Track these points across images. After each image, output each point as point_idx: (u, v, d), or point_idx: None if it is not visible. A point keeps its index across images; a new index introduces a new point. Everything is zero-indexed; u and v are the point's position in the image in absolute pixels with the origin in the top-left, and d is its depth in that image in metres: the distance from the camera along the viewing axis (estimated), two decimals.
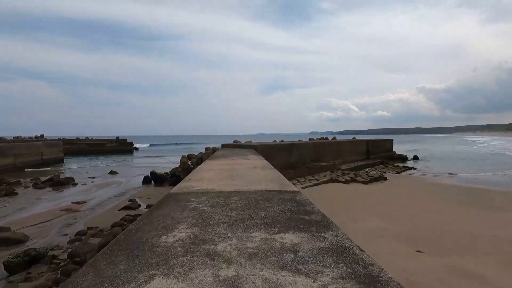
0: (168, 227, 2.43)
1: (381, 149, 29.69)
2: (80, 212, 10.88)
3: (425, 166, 25.21)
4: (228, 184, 4.44)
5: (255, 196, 3.60)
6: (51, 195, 14.39)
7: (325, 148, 20.80)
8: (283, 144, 16.82)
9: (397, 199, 10.80)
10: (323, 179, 15.01)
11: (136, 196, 13.48)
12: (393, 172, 21.84)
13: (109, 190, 15.59)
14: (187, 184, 4.51)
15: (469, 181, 16.20)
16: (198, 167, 6.50)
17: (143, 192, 14.53)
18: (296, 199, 3.47)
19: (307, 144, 18.87)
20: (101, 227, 8.67)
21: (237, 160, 8.33)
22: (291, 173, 14.81)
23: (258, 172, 5.78)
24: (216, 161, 8.27)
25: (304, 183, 14.18)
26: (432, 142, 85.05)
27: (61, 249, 7.02)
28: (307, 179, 15.16)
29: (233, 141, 19.61)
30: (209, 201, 3.38)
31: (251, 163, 7.69)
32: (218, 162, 7.77)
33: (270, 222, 2.57)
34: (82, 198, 13.35)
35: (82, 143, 48.10)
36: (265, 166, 6.83)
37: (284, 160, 16.55)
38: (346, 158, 23.31)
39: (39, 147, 28.71)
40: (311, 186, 13.62)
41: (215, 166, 6.94)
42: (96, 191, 15.40)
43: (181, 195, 3.68)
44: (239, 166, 6.91)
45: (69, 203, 12.36)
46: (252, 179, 4.90)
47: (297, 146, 17.78)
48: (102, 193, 14.58)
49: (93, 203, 12.29)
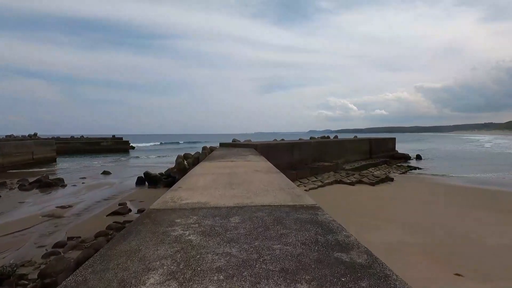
0: (130, 281, 1.51)
1: (384, 148, 28.89)
2: (63, 218, 9.92)
3: (429, 166, 24.40)
4: (226, 195, 3.52)
5: (263, 215, 2.68)
6: (36, 198, 13.41)
7: (327, 147, 19.92)
8: (284, 144, 15.92)
9: (410, 203, 9.93)
10: (328, 181, 14.13)
11: (128, 200, 12.53)
12: (398, 172, 21.02)
13: (99, 192, 14.62)
14: (174, 194, 3.59)
15: (482, 182, 15.35)
16: (190, 171, 5.58)
17: (136, 195, 13.58)
18: (319, 219, 2.56)
19: (309, 143, 17.98)
20: (83, 237, 7.72)
21: (237, 162, 7.42)
22: (293, 174, 13.91)
23: (261, 177, 4.86)
24: (213, 162, 7.35)
25: (308, 185, 13.29)
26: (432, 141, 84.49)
27: (33, 265, 6.08)
28: (310, 180, 14.27)
29: (232, 140, 18.69)
30: (200, 223, 2.46)
31: (252, 165, 6.78)
32: (215, 164, 6.85)
33: (292, 268, 1.66)
34: (68, 202, 12.38)
35: (76, 142, 46.98)
36: (269, 170, 5.92)
37: (286, 160, 15.65)
38: (348, 158, 22.46)
39: (29, 146, 27.63)
40: (315, 188, 12.72)
41: (211, 169, 6.02)
42: (86, 193, 14.42)
43: (163, 214, 2.76)
44: (239, 169, 6.00)
45: (53, 207, 11.40)
46: (256, 187, 3.98)
47: (298, 145, 16.88)
48: (91, 196, 13.61)
49: (80, 208, 11.33)
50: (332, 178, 14.95)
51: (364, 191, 12.56)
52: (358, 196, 11.37)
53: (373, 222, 7.06)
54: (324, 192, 12.21)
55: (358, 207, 9.33)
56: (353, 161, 22.76)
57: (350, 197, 11.18)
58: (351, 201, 10.34)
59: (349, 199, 10.80)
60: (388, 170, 21.71)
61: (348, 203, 10.09)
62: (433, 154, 36.40)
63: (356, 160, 23.34)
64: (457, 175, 18.37)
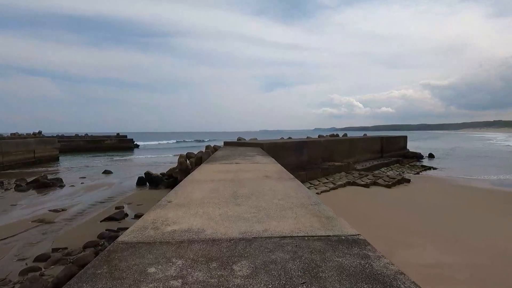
0: None
1: (395, 146, 27.73)
2: (54, 223, 9.11)
3: (445, 166, 23.17)
4: (229, 217, 2.58)
5: (284, 258, 1.74)
6: (30, 200, 12.66)
7: (337, 146, 18.90)
8: (293, 142, 14.95)
9: (435, 210, 8.90)
10: (340, 182, 13.12)
11: (125, 202, 11.70)
12: (412, 172, 19.92)
13: (97, 193, 13.84)
14: (160, 214, 2.66)
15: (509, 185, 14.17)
16: (188, 177, 4.66)
17: (134, 197, 12.74)
18: (374, 268, 1.61)
19: (318, 142, 16.98)
20: (71, 248, 6.88)
21: (242, 164, 6.48)
22: (303, 175, 12.94)
23: (274, 186, 3.93)
24: (215, 165, 6.42)
25: (319, 187, 12.31)
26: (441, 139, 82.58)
27: (7, 284, 5.24)
28: (321, 182, 13.29)
29: (237, 138, 17.78)
30: (185, 278, 1.53)
31: (261, 168, 5.84)
32: (218, 167, 5.92)
33: None
34: (63, 204, 11.60)
35: (80, 140, 46.55)
36: (281, 175, 4.97)
37: (294, 160, 14.69)
38: (359, 157, 21.41)
39: (30, 144, 27.06)
40: (327, 190, 11.74)
41: (212, 173, 5.09)
42: (83, 194, 13.65)
43: (134, 254, 1.82)
44: (245, 174, 5.06)
45: (46, 210, 10.62)
46: (269, 203, 3.05)
47: (308, 144, 15.90)
48: (88, 198, 12.82)
49: (74, 211, 10.53)
50: (345, 179, 13.94)
51: (380, 194, 11.54)
52: (375, 200, 10.36)
53: (402, 236, 6.08)
54: (337, 195, 11.22)
55: (377, 214, 8.33)
56: (364, 160, 21.71)
57: (367, 201, 10.17)
58: (369, 206, 9.35)
59: (366, 204, 9.80)
60: (401, 170, 20.63)
61: (365, 208, 9.09)
62: (445, 153, 35.05)
63: (367, 159, 22.27)
64: (480, 177, 17.18)
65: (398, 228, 6.57)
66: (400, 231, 6.31)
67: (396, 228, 6.63)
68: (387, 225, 6.92)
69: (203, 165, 6.44)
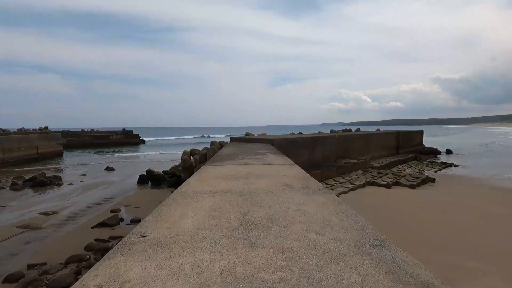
0: None
1: (412, 142, 26.22)
2: (41, 229, 8.14)
3: (466, 163, 21.62)
4: (238, 278, 1.42)
5: None
6: (22, 201, 11.78)
7: (352, 142, 17.59)
8: (305, 138, 13.71)
9: (476, 217, 7.62)
10: (358, 182, 11.87)
11: (123, 204, 10.70)
12: (433, 170, 18.52)
13: (95, 193, 12.89)
14: (118, 267, 1.52)
15: None
16: (180, 188, 3.50)
17: (134, 198, 11.73)
18: None
19: (332, 137, 15.69)
20: (50, 264, 5.85)
21: (252, 166, 5.32)
22: (317, 174, 11.74)
23: (302, 204, 2.75)
24: (219, 167, 5.27)
25: (336, 187, 11.08)
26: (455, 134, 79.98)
27: None
28: (337, 181, 12.06)
29: (244, 133, 16.62)
30: None
31: (276, 172, 4.67)
32: (222, 171, 4.77)
33: None
34: (56, 206, 10.67)
35: (86, 136, 46.05)
36: (307, 183, 3.78)
37: (307, 157, 13.49)
38: (374, 154, 20.06)
39: (33, 140, 26.41)
40: (346, 192, 10.51)
41: (214, 181, 3.93)
42: (80, 194, 12.71)
43: None
44: (258, 181, 3.90)
45: (36, 213, 9.68)
46: (302, 241, 1.88)
47: (321, 140, 14.65)
48: (84, 198, 11.87)
49: (65, 214, 9.55)
50: (363, 178, 12.67)
51: (405, 197, 10.27)
52: (402, 205, 9.10)
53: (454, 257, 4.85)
54: (357, 197, 9.99)
55: (410, 223, 7.10)
56: (379, 157, 20.35)
57: (392, 206, 8.93)
58: (397, 213, 8.11)
59: (392, 209, 8.56)
60: (420, 167, 19.22)
61: (393, 215, 7.86)
62: (463, 149, 33.27)
63: (382, 156, 20.90)
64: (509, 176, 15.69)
65: (443, 246, 5.35)
66: (449, 250, 5.10)
67: (440, 245, 5.40)
68: (428, 241, 5.69)
69: (205, 166, 5.29)
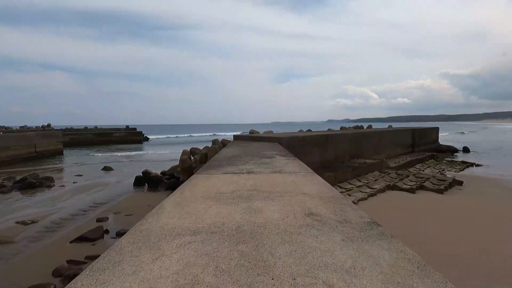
0: None
1: (427, 140, 24.68)
2: (12, 244, 7.02)
3: (488, 162, 20.02)
4: None
5: None
6: (5, 205, 10.69)
7: (366, 140, 16.21)
8: (315, 136, 12.38)
9: None
10: (377, 186, 10.54)
11: (113, 211, 9.53)
12: (454, 170, 17.05)
13: (86, 197, 11.78)
14: None
15: None
16: (143, 222, 2.26)
17: (126, 203, 10.58)
18: None
19: (344, 135, 14.33)
20: None
21: (258, 176, 4.06)
22: (331, 177, 10.43)
23: (345, 269, 1.47)
24: (214, 178, 4.01)
25: (353, 192, 9.75)
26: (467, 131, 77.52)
27: None
28: (353, 185, 10.72)
29: (249, 131, 15.37)
30: None
31: (291, 185, 3.40)
32: (215, 187, 3.50)
33: None
34: (39, 213, 9.57)
35: (88, 133, 45.28)
36: (341, 210, 2.49)
37: (318, 158, 12.19)
38: (389, 152, 18.63)
39: (31, 138, 25.52)
40: (365, 198, 9.18)
41: (200, 207, 2.66)
42: (69, 198, 11.61)
43: None
44: (265, 205, 2.63)
45: (13, 222, 8.58)
46: None
47: (332, 138, 13.31)
48: (72, 203, 10.76)
49: (45, 224, 8.43)
50: (382, 181, 11.33)
51: (434, 204, 8.91)
52: (433, 214, 7.76)
53: None
54: (379, 204, 8.67)
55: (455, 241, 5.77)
56: (394, 156, 18.93)
57: (423, 216, 7.59)
58: (432, 226, 6.78)
59: (424, 221, 7.23)
60: (439, 167, 17.76)
61: (428, 230, 6.54)
62: (479, 147, 31.51)
63: (397, 154, 19.47)
64: None
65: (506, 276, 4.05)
66: None
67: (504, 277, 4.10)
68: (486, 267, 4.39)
69: (196, 176, 4.03)
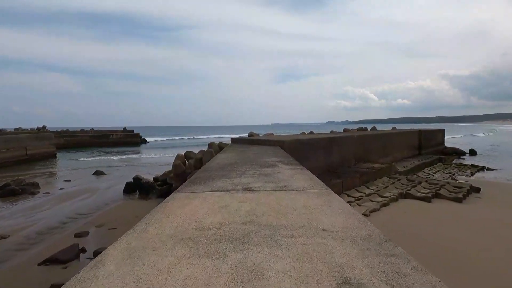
0: None
1: (433, 142, 23.72)
2: None
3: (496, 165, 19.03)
4: None
5: None
6: None
7: (372, 142, 15.25)
8: (321, 139, 11.41)
9: None
10: (389, 194, 9.56)
11: (95, 223, 8.54)
12: (463, 174, 16.11)
13: (70, 206, 10.79)
14: None
15: None
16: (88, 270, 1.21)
17: (112, 213, 9.58)
18: None
19: (350, 137, 13.38)
20: None
21: (256, 194, 3.09)
22: (338, 184, 9.46)
23: None
24: (196, 201, 3.04)
25: (363, 202, 8.76)
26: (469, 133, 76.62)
27: None
28: (362, 192, 9.74)
29: (248, 133, 14.41)
30: None
31: (304, 215, 2.43)
32: (194, 216, 2.53)
33: None
34: (14, 225, 8.58)
35: (84, 135, 44.31)
36: (389, 264, 1.52)
37: (322, 162, 11.22)
38: (395, 155, 17.69)
39: (21, 140, 24.54)
40: (377, 209, 8.20)
41: (168, 253, 1.70)
42: (51, 207, 10.63)
43: None
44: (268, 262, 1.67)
45: None
46: None
47: (338, 140, 12.35)
48: (53, 214, 9.78)
49: (15, 241, 7.42)
50: (392, 188, 10.35)
51: (454, 215, 7.94)
52: (456, 228, 6.79)
53: None
54: (394, 217, 7.68)
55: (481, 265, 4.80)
56: (401, 159, 17.98)
57: (444, 231, 6.61)
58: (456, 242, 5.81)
59: (447, 237, 6.25)
60: (448, 170, 16.81)
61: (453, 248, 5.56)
62: (485, 149, 30.56)
63: (404, 157, 18.52)
64: None
65: None
66: None
67: None
68: None
69: (173, 197, 3.06)
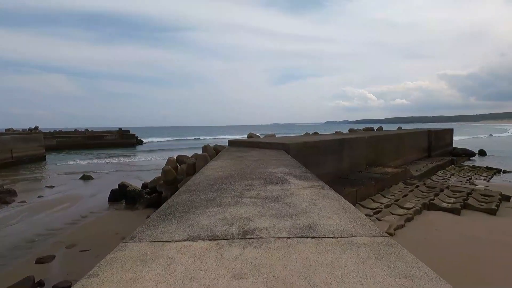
0: None
1: (442, 143, 22.48)
2: None
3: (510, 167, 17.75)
4: None
5: None
6: None
7: (385, 144, 13.97)
8: (330, 141, 10.06)
9: None
10: (410, 204, 8.25)
11: (68, 242, 7.18)
12: (481, 177, 14.86)
13: (44, 218, 9.43)
14: None
15: None
16: None
17: (89, 228, 8.23)
18: None
19: (361, 139, 12.05)
20: None
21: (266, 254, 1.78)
22: (352, 193, 8.14)
23: None
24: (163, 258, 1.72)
25: (383, 216, 7.43)
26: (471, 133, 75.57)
27: None
28: (380, 203, 8.41)
29: (247, 135, 13.10)
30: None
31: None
32: None
33: None
34: None
35: (78, 136, 42.86)
36: None
37: (331, 167, 9.91)
38: (406, 157, 16.41)
39: (6, 142, 23.12)
40: (402, 225, 6.88)
41: None
42: (21, 220, 9.26)
43: None
44: None
45: None
46: None
47: (348, 142, 11.04)
48: (21, 229, 8.42)
49: None
50: (412, 197, 9.03)
51: (493, 231, 6.64)
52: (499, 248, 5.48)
53: None
54: (424, 235, 6.36)
55: None
56: (411, 161, 16.72)
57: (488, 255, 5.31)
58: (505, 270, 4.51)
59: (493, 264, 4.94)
60: (463, 173, 15.56)
61: None
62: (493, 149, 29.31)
63: (414, 160, 17.26)
64: None
65: None
66: None
67: None
68: None
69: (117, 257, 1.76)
